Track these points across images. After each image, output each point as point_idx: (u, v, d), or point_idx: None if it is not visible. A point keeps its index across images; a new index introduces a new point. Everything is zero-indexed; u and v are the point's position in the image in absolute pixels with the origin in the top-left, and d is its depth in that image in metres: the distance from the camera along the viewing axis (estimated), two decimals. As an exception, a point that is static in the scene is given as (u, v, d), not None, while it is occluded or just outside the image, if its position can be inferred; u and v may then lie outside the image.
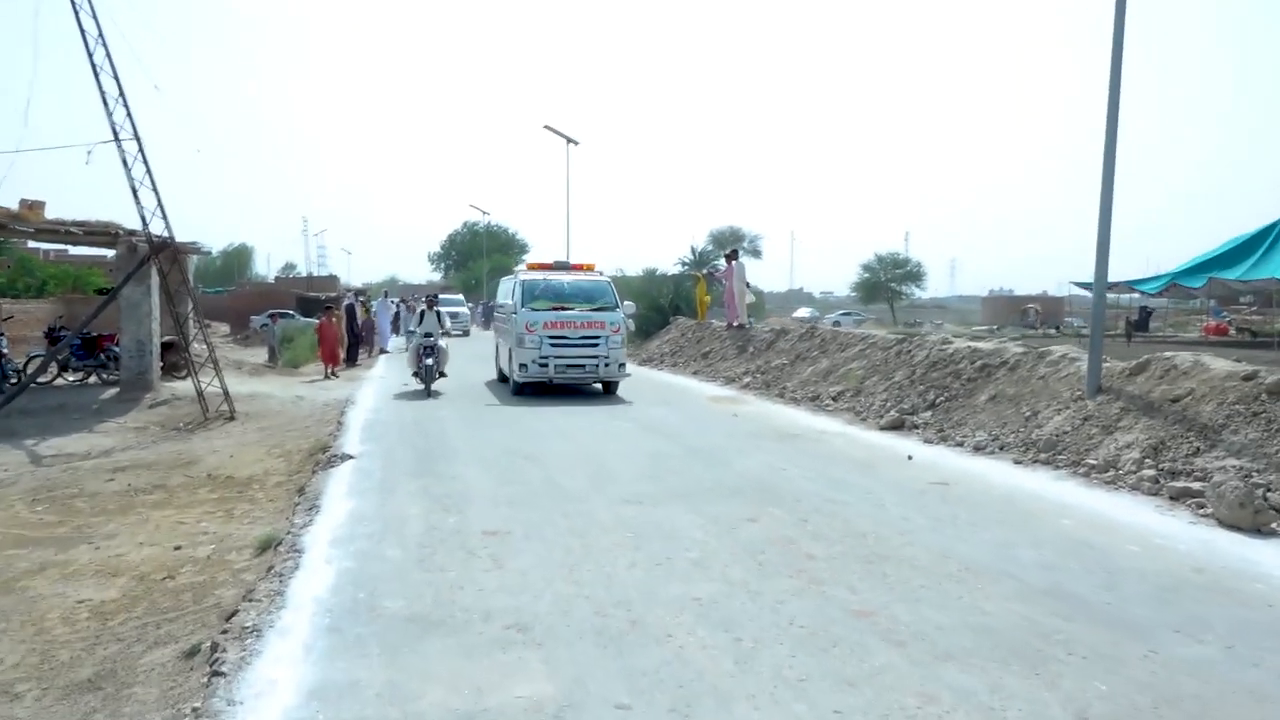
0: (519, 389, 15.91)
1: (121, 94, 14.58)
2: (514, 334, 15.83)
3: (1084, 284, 39.21)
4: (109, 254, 21.17)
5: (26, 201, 16.21)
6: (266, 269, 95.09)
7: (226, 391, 15.28)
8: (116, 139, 14.61)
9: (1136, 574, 5.81)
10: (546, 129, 35.60)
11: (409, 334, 17.83)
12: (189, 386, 15.95)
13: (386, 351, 28.51)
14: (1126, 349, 21.16)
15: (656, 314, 31.32)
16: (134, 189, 14.82)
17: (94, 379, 19.11)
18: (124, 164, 14.68)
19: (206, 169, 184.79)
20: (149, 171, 14.91)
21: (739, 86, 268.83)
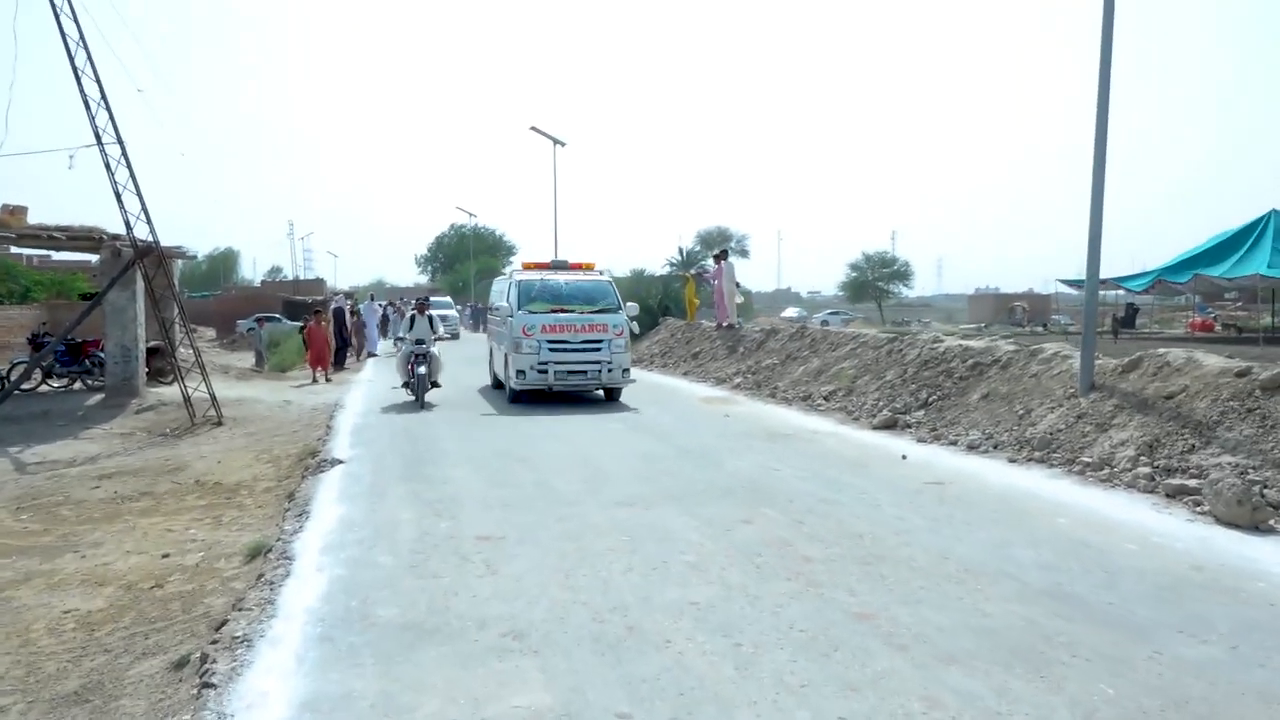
0: (516, 396, 15.04)
1: (104, 97, 14.43)
2: (510, 338, 14.93)
3: (1070, 281, 39.47)
4: (93, 259, 21.00)
5: (8, 206, 16.05)
6: (252, 273, 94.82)
7: (213, 396, 15.14)
8: (99, 142, 14.47)
9: (1136, 573, 5.77)
10: (533, 130, 35.51)
11: (398, 340, 16.26)
12: (175, 392, 15.82)
13: (375, 355, 28.36)
14: (1113, 346, 21.23)
15: (645, 315, 31.24)
16: (117, 193, 14.68)
17: (79, 385, 18.90)
18: (107, 168, 14.54)
19: (191, 173, 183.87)
20: (132, 175, 14.78)
21: (725, 86, 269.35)
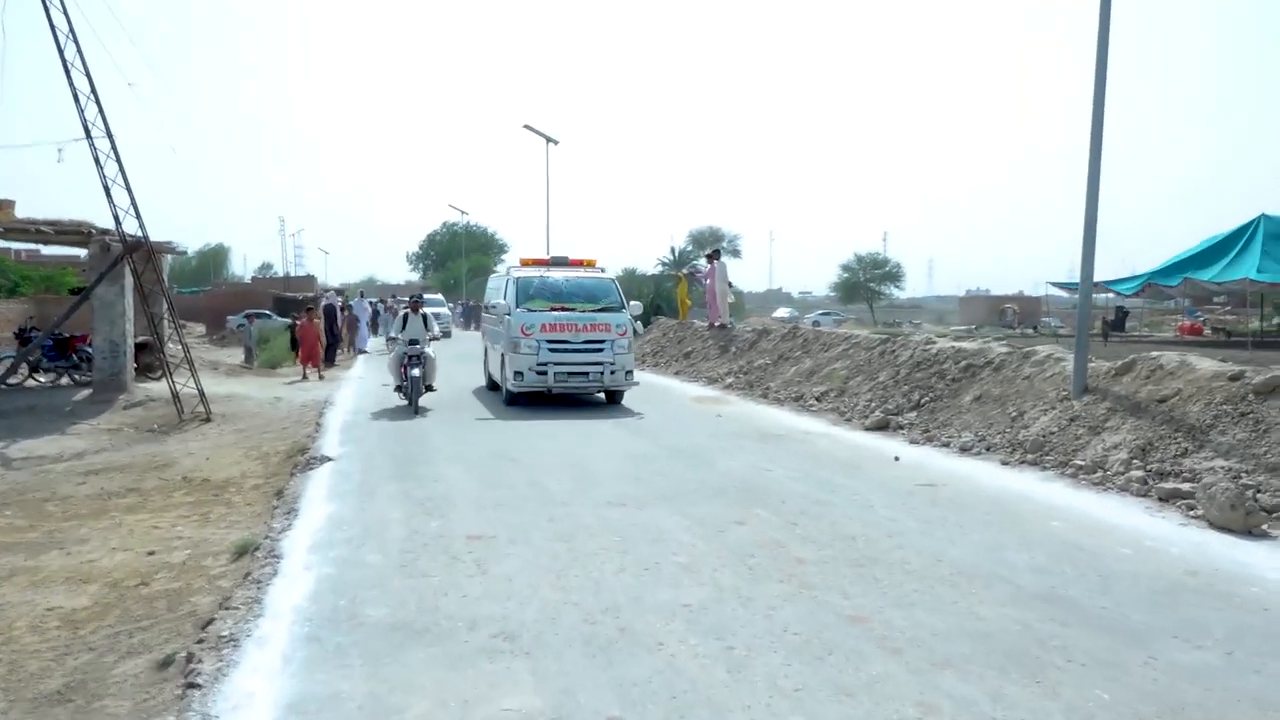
0: (513, 399, 14.30)
1: (93, 91, 14.33)
2: (507, 337, 14.21)
3: (1061, 284, 39.71)
4: (82, 254, 20.85)
5: (-4, 200, 15.91)
6: (243, 269, 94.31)
7: (202, 392, 15.05)
8: (88, 136, 14.38)
9: (1130, 577, 5.74)
10: (526, 128, 35.45)
11: (390, 340, 15.32)
12: (164, 388, 15.72)
13: (365, 352, 28.25)
14: (1104, 348, 21.25)
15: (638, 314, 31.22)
16: (106, 187, 14.60)
17: (66, 380, 18.77)
18: (96, 162, 14.45)
19: (183, 169, 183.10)
20: (122, 170, 14.69)
21: (719, 87, 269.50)
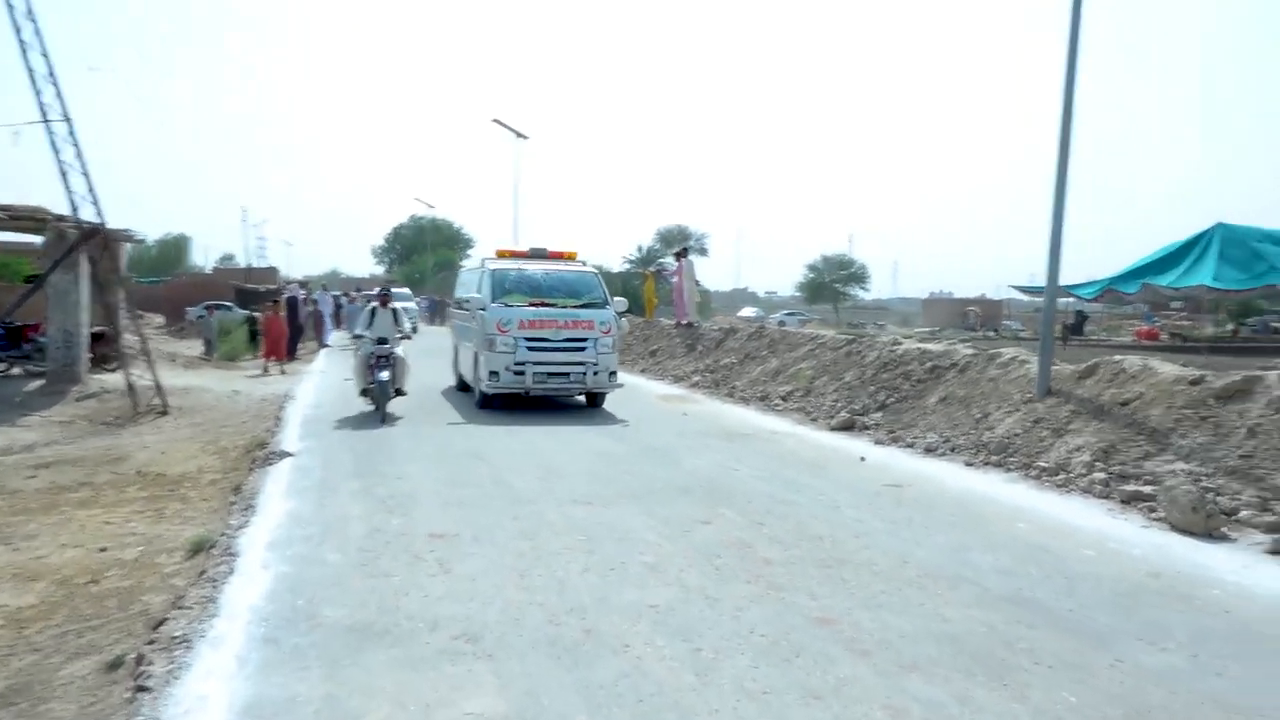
0: (486, 401, 13.24)
1: (51, 73, 13.99)
2: (481, 335, 13.12)
3: (1023, 288, 40.15)
4: (37, 240, 20.39)
5: (-54, 183, 15.49)
6: (204, 259, 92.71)
7: (159, 385, 14.75)
8: (45, 119, 14.03)
9: (1094, 579, 5.77)
10: (495, 123, 35.29)
11: (355, 337, 13.65)
12: (119, 379, 15.39)
13: (327, 345, 27.91)
14: (1063, 351, 21.47)
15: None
16: (63, 172, 14.26)
17: (17, 370, 18.31)
18: (53, 146, 14.10)
19: (145, 156, 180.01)
20: (79, 154, 14.36)
21: (688, 86, 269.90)
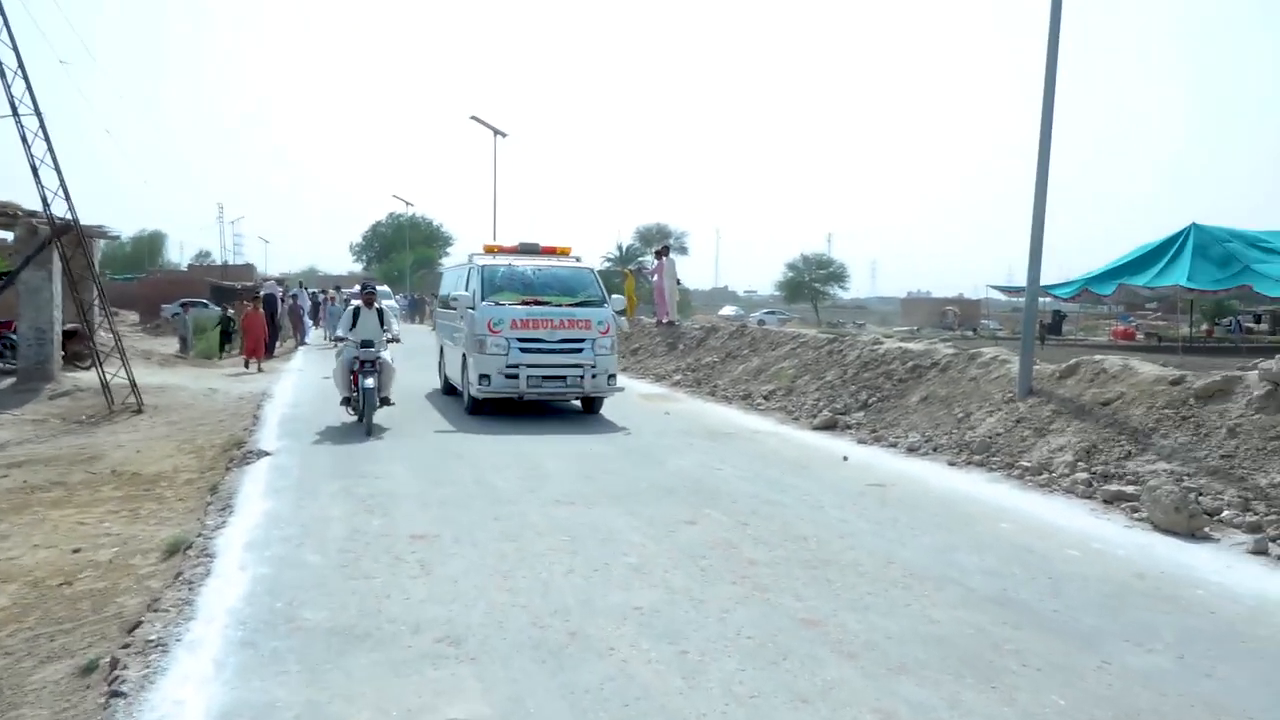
0: (476, 406, 12.47)
1: (21, 66, 13.76)
2: (471, 335, 12.39)
3: (1001, 287, 40.48)
4: (8, 236, 20.10)
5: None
6: (180, 256, 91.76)
7: (134, 382, 14.54)
8: (15, 114, 13.81)
9: (1079, 580, 5.76)
10: (474, 120, 35.06)
11: (337, 339, 12.66)
12: (93, 377, 15.18)
13: (305, 344, 27.68)
14: (1041, 351, 21.62)
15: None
16: (34, 167, 14.03)
17: (-11, 368, 18.05)
18: (23, 140, 13.87)
19: (119, 152, 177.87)
20: (51, 149, 14.13)
21: (668, 85, 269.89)
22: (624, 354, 21.71)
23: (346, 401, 11.65)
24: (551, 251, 13.88)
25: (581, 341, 12.39)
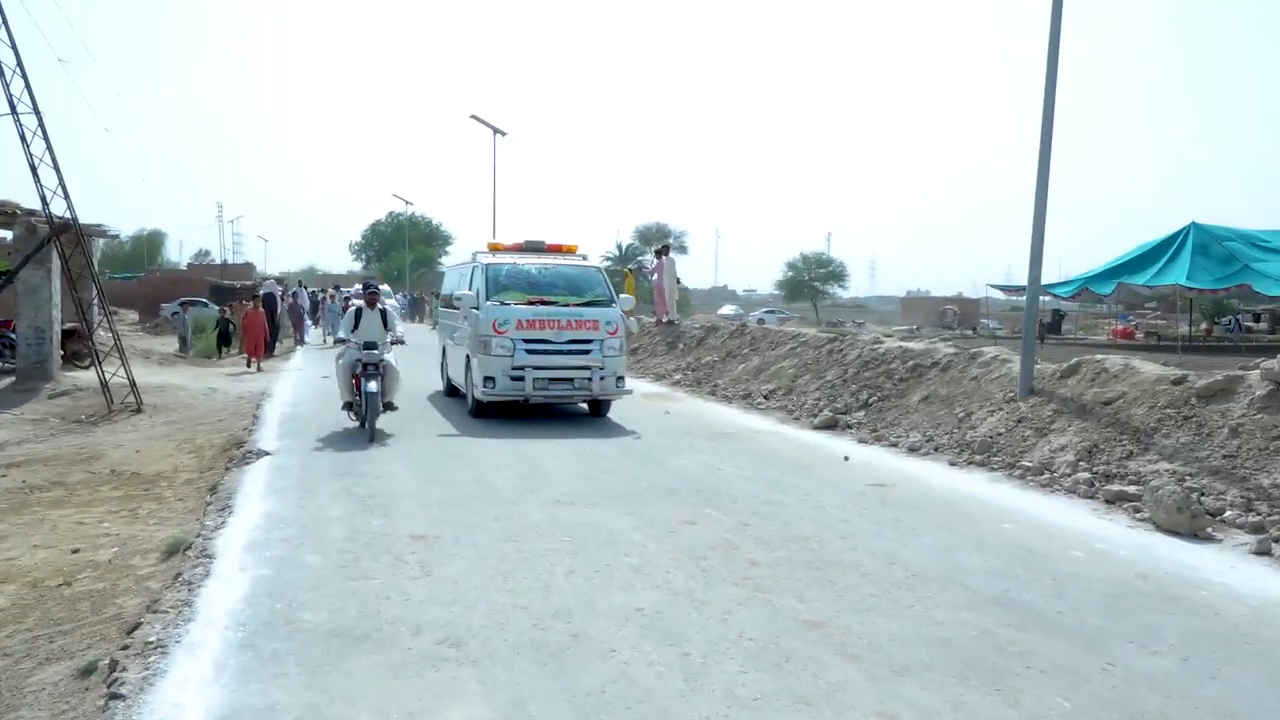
0: (480, 409, 12.14)
1: (20, 65, 13.73)
2: (475, 336, 12.03)
3: (1001, 286, 40.44)
4: (7, 235, 20.08)
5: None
6: (179, 255, 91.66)
7: (133, 382, 14.52)
8: (14, 112, 13.78)
9: (1083, 581, 5.73)
10: (473, 119, 35.02)
11: (339, 341, 12.21)
12: (92, 377, 15.16)
13: (305, 343, 27.64)
14: (1041, 350, 21.60)
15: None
16: (33, 166, 14.01)
17: (-12, 367, 18.02)
18: (22, 139, 13.84)
19: (118, 151, 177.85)
20: (50, 148, 14.11)
21: (667, 84, 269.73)
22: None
23: (349, 406, 11.18)
24: (558, 249, 13.53)
25: (589, 343, 12.02)
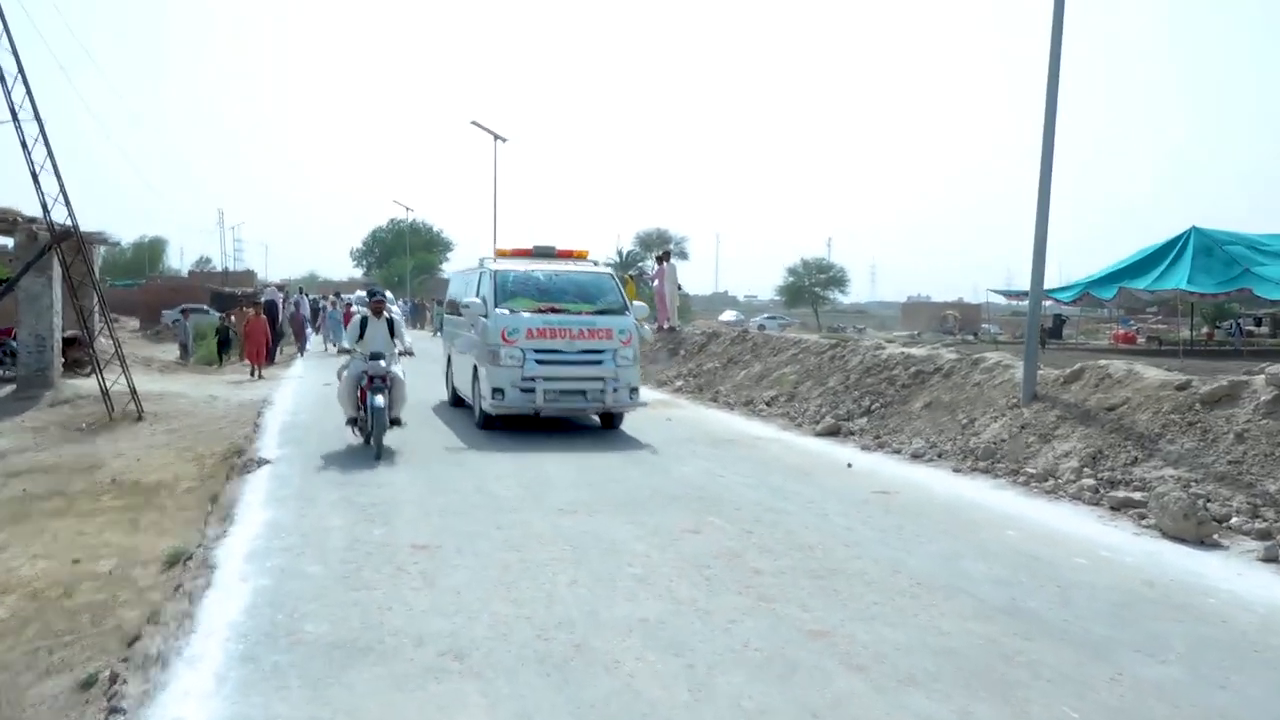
0: (488, 421, 11.70)
1: (21, 72, 13.72)
2: (483, 345, 11.60)
3: (1002, 291, 40.43)
4: (8, 242, 20.08)
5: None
6: (180, 262, 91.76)
7: (134, 390, 14.47)
8: (15, 119, 13.77)
9: (1088, 588, 5.70)
10: (474, 125, 35.11)
11: (343, 351, 11.49)
12: (93, 385, 15.12)
13: (306, 350, 27.59)
14: (1043, 355, 21.57)
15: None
16: (34, 173, 13.99)
17: (-12, 375, 18.00)
18: (23, 146, 13.83)
19: (119, 157, 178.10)
20: (51, 155, 14.09)
21: (667, 89, 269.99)
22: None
23: (353, 422, 10.50)
24: (568, 255, 13.11)
25: (602, 353, 11.54)
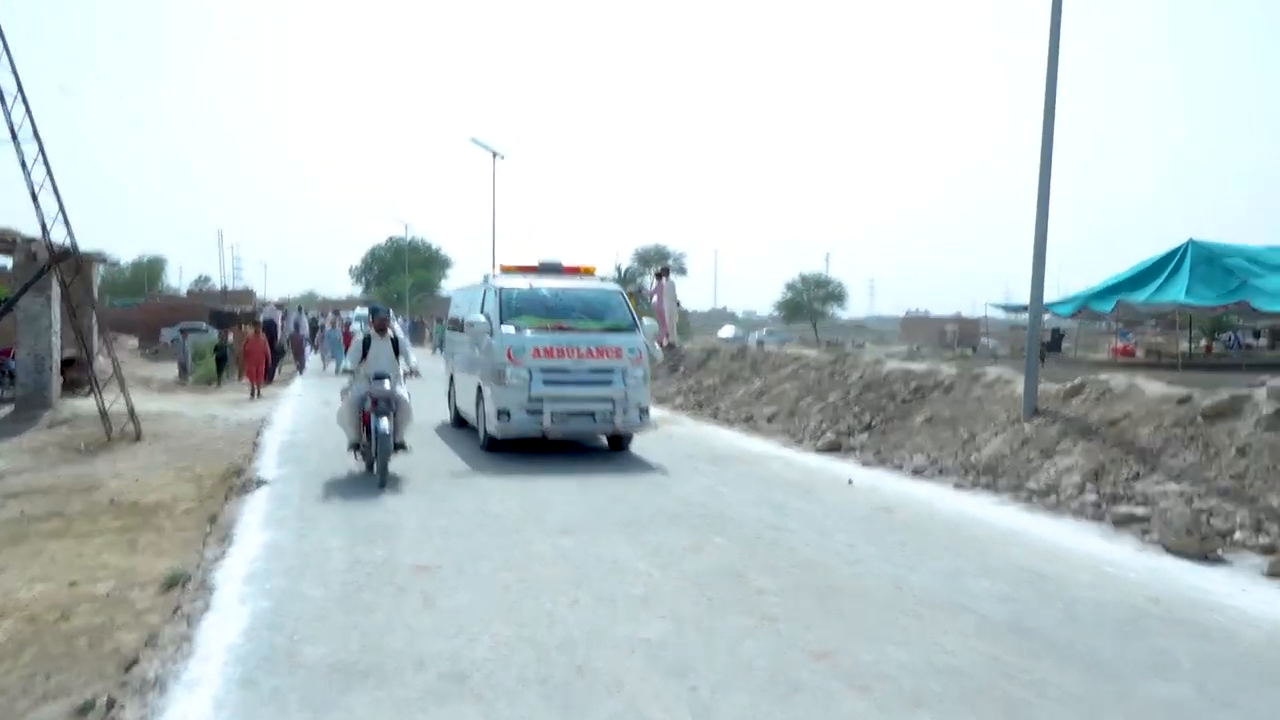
0: (493, 443, 11.35)
1: (21, 91, 13.73)
2: (489, 365, 11.22)
3: (1002, 305, 40.51)
4: (6, 262, 20.10)
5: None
6: (179, 281, 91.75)
7: (132, 410, 14.43)
8: (15, 139, 13.76)
9: (1094, 605, 5.67)
10: (472, 142, 35.21)
11: (345, 371, 11.10)
12: (91, 405, 15.06)
13: (305, 369, 27.57)
14: (1042, 369, 21.56)
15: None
16: (33, 193, 13.97)
17: (-13, 396, 17.95)
18: (23, 166, 13.82)
19: (118, 175, 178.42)
20: (50, 175, 14.08)
21: (665, 106, 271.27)
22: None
23: (356, 447, 10.05)
24: (575, 271, 12.89)
25: (611, 372, 11.18)
